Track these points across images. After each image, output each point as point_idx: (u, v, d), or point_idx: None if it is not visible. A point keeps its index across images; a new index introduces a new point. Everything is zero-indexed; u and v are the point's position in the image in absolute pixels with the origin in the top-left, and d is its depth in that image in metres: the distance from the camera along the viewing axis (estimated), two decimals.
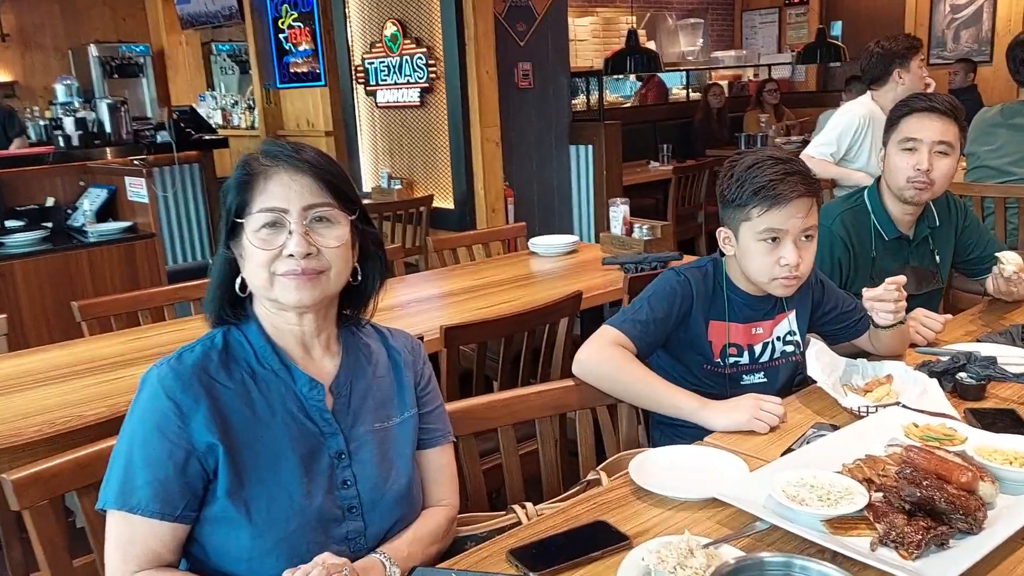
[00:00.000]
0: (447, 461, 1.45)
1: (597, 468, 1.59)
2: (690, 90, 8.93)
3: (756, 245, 1.72)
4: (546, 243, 3.53)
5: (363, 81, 5.48)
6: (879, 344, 1.94)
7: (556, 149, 5.27)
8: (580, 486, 1.58)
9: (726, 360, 1.84)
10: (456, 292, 2.99)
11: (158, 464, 1.18)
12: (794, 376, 1.95)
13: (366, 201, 4.07)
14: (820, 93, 9.04)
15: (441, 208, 4.96)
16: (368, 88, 5.46)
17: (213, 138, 6.42)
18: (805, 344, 1.88)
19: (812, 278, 1.88)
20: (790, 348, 1.89)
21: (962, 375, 1.76)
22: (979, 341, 2.04)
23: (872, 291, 1.87)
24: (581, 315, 2.75)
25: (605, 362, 1.74)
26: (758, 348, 1.86)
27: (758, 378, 1.87)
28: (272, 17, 6.52)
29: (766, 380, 1.87)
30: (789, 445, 1.55)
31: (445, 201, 5.00)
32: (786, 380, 1.93)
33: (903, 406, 1.65)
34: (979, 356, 1.83)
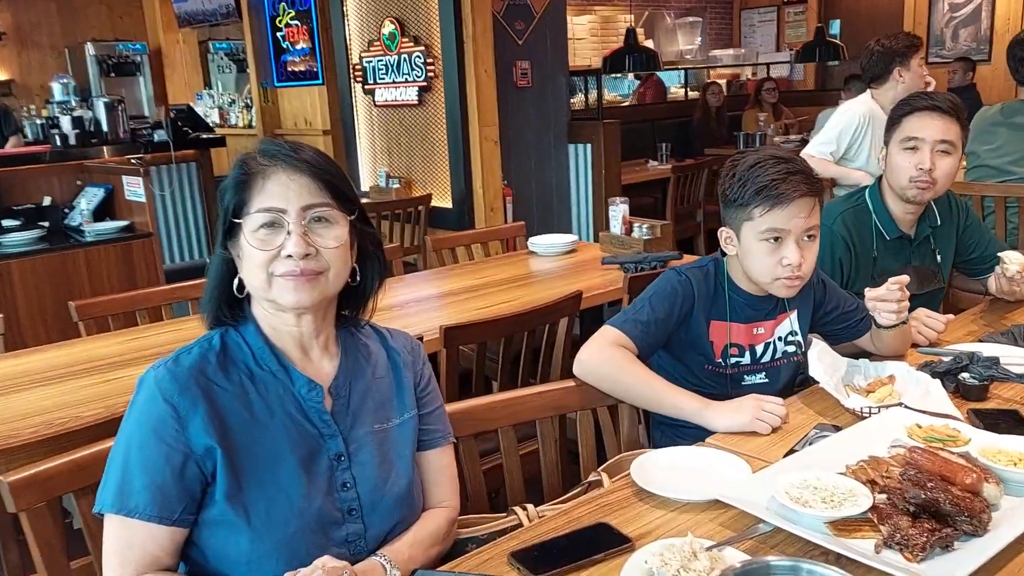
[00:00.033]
0: (447, 462, 1.44)
1: (598, 469, 1.58)
2: (688, 89, 8.93)
3: (758, 245, 1.71)
4: (545, 242, 3.51)
5: (361, 80, 5.46)
6: (881, 344, 1.94)
7: (555, 148, 5.26)
8: (581, 487, 1.57)
9: (727, 360, 1.83)
10: (455, 292, 2.98)
11: (155, 468, 1.17)
12: (796, 376, 1.94)
13: (364, 200, 4.06)
14: (819, 92, 9.02)
15: (439, 207, 4.95)
16: (366, 87, 5.45)
17: (210, 137, 6.42)
18: (807, 344, 1.87)
19: (814, 278, 1.87)
20: (792, 348, 1.89)
21: (965, 376, 1.75)
22: (981, 341, 2.03)
23: (875, 291, 1.86)
24: (581, 315, 2.74)
25: (606, 362, 1.73)
26: (759, 348, 1.85)
27: (759, 378, 1.86)
28: (270, 15, 6.51)
29: (768, 380, 1.87)
30: (791, 446, 1.54)
31: (443, 200, 4.99)
32: (788, 380, 1.92)
33: (906, 407, 1.64)
34: (981, 356, 1.82)
